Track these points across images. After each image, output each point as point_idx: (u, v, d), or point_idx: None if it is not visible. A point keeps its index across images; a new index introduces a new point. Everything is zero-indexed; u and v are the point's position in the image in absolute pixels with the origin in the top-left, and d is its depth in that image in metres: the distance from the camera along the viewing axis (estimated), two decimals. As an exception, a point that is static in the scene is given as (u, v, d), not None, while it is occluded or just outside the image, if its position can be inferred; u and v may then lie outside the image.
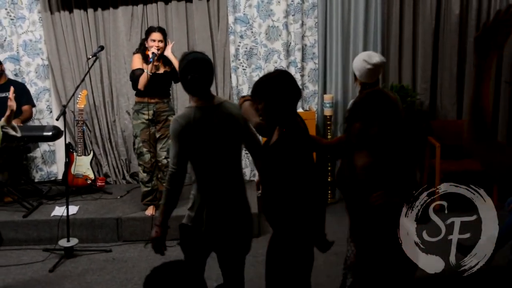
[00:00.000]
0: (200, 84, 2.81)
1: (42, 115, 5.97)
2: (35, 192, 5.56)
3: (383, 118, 2.39)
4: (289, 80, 2.62)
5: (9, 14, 5.75)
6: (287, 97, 2.59)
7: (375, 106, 2.39)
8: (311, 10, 5.75)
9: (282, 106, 2.58)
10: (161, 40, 4.76)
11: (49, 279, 4.25)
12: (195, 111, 2.82)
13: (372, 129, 2.39)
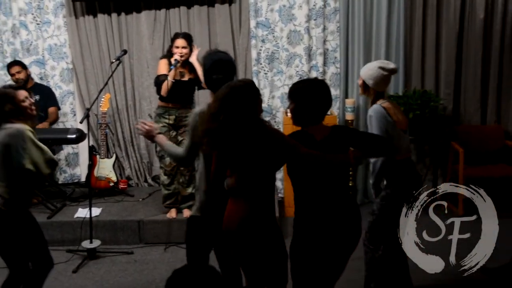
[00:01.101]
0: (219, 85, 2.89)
1: (66, 118, 6.06)
2: (59, 194, 5.64)
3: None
4: (321, 89, 2.85)
5: (35, 19, 5.85)
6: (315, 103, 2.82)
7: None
8: (333, 14, 5.75)
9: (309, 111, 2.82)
10: (185, 47, 4.77)
11: (72, 280, 4.31)
12: None
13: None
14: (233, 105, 2.62)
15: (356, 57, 5.75)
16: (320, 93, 2.84)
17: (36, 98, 5.58)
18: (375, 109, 3.51)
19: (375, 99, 3.58)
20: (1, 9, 5.81)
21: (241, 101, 2.63)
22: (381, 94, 3.59)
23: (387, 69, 3.52)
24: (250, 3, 5.73)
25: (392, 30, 5.67)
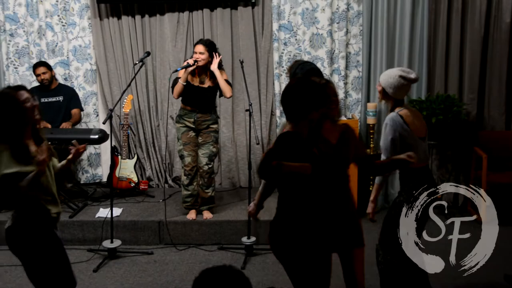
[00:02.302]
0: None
1: (89, 118, 6.12)
2: (80, 194, 5.70)
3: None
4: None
5: (61, 21, 5.92)
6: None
7: None
8: (356, 17, 5.73)
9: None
10: (202, 52, 4.78)
11: (93, 279, 4.35)
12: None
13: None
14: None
15: (378, 61, 5.72)
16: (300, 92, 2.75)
17: (59, 98, 5.66)
18: (392, 117, 3.46)
19: (394, 107, 3.55)
20: (28, 11, 5.90)
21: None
22: (401, 101, 3.55)
23: (408, 78, 3.47)
24: (273, 6, 5.73)
25: (416, 33, 5.63)
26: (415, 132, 3.46)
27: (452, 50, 5.65)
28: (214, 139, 4.94)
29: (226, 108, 5.90)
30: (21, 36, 5.96)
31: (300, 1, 5.73)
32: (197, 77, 4.86)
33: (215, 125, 4.98)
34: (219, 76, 4.75)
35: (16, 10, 5.90)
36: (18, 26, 5.94)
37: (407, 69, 3.64)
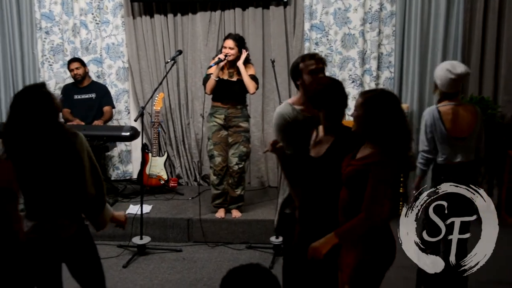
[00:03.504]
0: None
1: (120, 115, 6.19)
2: (111, 190, 5.76)
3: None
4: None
5: (95, 19, 6.01)
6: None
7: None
8: (389, 18, 5.67)
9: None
10: (232, 47, 4.78)
11: (122, 275, 4.40)
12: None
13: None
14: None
15: (411, 61, 5.65)
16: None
17: (92, 96, 5.74)
18: (429, 111, 3.50)
19: (440, 100, 3.53)
20: (64, 9, 6.00)
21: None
22: (449, 95, 3.50)
23: (453, 72, 3.44)
24: (305, 5, 5.71)
25: (450, 34, 5.54)
26: (451, 131, 3.41)
27: (487, 51, 5.55)
28: (244, 139, 4.94)
29: (256, 107, 5.90)
30: (56, 34, 6.06)
31: (333, 1, 5.70)
32: (226, 71, 4.88)
33: (246, 123, 4.97)
34: (243, 72, 4.76)
35: (52, 8, 6.01)
36: (53, 24, 6.04)
37: (458, 63, 3.61)
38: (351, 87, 5.78)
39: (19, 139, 2.69)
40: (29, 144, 2.67)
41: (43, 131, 2.68)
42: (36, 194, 2.76)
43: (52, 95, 2.76)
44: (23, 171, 2.73)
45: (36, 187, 2.74)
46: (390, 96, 2.57)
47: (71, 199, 2.77)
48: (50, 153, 2.69)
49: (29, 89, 2.75)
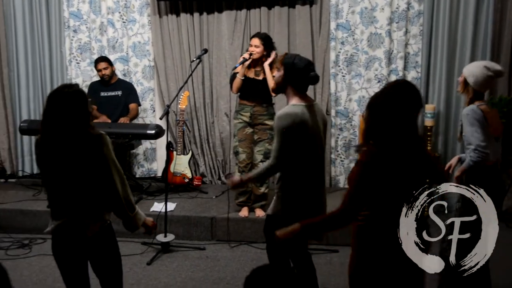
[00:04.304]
0: (316, 82, 3.33)
1: (145, 114, 6.23)
2: (136, 187, 5.81)
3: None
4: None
5: (121, 17, 6.06)
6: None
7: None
8: (417, 17, 5.60)
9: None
10: (258, 46, 4.81)
11: (146, 272, 4.43)
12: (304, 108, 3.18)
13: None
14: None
15: (438, 61, 5.58)
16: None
17: (118, 93, 5.80)
18: (473, 108, 3.38)
19: (472, 99, 3.44)
20: (91, 8, 6.07)
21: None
22: (480, 95, 3.44)
23: (492, 69, 3.38)
24: (331, 4, 5.68)
25: (479, 34, 5.46)
26: (492, 130, 3.35)
27: (517, 51, 5.45)
28: (270, 136, 4.94)
29: (280, 106, 5.86)
30: (83, 32, 6.14)
31: (359, 0, 5.66)
32: (252, 69, 4.89)
33: (271, 121, 4.95)
34: (268, 73, 4.76)
35: (80, 7, 6.08)
36: (81, 23, 6.12)
37: (494, 62, 3.54)
38: (376, 87, 5.73)
39: (52, 138, 2.76)
40: (60, 144, 2.74)
41: (76, 131, 2.74)
42: (61, 194, 2.82)
43: (86, 95, 2.84)
44: (51, 170, 2.80)
45: (62, 187, 2.80)
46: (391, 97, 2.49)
47: (95, 199, 2.81)
48: (78, 155, 2.74)
49: (64, 88, 2.82)
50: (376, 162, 2.43)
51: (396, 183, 2.44)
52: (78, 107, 2.74)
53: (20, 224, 5.22)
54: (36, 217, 5.19)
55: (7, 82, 6.24)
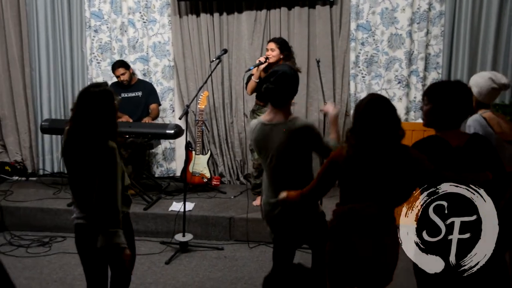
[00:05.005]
0: (269, 96, 3.14)
1: (165, 113, 6.26)
2: (155, 187, 5.84)
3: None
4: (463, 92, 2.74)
5: (142, 17, 6.09)
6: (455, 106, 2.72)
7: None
8: (438, 18, 5.55)
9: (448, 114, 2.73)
10: (273, 49, 4.94)
11: (165, 271, 4.45)
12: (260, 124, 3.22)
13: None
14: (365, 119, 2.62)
15: (460, 63, 5.52)
16: (461, 96, 2.71)
17: (138, 94, 5.83)
18: (475, 119, 3.31)
19: (475, 109, 3.39)
20: (112, 8, 6.11)
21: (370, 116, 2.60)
22: (484, 106, 3.38)
23: (497, 82, 3.31)
24: (352, 5, 5.65)
25: (502, 35, 5.39)
26: (502, 135, 3.29)
27: (541, 53, 5.37)
28: None
29: (300, 107, 5.87)
30: (104, 32, 6.18)
31: (380, 1, 5.62)
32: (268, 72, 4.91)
33: None
34: None
35: (101, 7, 6.13)
36: (102, 23, 6.16)
37: (500, 74, 3.48)
38: (396, 88, 5.70)
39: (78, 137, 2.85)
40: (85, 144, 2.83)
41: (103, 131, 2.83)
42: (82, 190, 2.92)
43: (113, 94, 2.92)
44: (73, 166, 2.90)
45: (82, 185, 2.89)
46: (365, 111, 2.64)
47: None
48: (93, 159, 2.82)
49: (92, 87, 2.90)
50: (342, 163, 2.64)
51: (360, 184, 2.64)
52: (105, 106, 2.84)
53: (41, 222, 5.28)
54: (56, 216, 5.24)
55: (29, 81, 6.32)
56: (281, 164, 3.12)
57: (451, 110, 2.70)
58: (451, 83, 2.81)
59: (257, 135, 3.19)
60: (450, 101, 2.68)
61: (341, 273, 2.70)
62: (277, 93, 3.11)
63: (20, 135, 6.42)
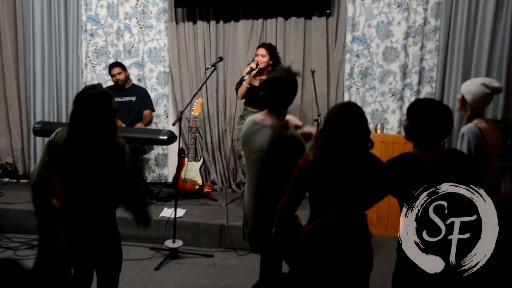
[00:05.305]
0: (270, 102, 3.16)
1: (159, 119, 6.26)
2: (146, 193, 5.80)
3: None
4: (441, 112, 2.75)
5: (138, 23, 6.11)
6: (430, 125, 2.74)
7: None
8: (433, 32, 5.60)
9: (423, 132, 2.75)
10: (264, 55, 5.09)
11: (154, 277, 4.42)
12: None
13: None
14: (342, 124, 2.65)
15: (453, 77, 5.56)
16: (437, 115, 2.72)
17: (132, 99, 5.82)
18: (470, 128, 3.36)
19: (471, 117, 3.43)
20: (109, 12, 6.12)
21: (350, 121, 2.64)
22: (479, 113, 3.43)
23: (490, 87, 3.36)
24: (348, 17, 5.69)
25: (495, 51, 5.44)
26: (491, 148, 3.32)
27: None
28: None
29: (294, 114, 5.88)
30: (100, 37, 6.19)
31: (376, 14, 5.67)
32: (257, 78, 5.01)
33: None
34: None
35: (98, 11, 6.14)
36: (98, 27, 6.17)
37: (491, 79, 3.52)
38: (390, 101, 5.73)
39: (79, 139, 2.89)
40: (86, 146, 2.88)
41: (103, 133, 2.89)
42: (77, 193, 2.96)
43: (110, 94, 2.95)
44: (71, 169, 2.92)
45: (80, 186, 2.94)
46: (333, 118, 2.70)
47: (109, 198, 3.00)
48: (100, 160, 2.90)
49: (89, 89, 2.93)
50: (308, 168, 2.68)
51: (325, 190, 2.68)
52: (103, 107, 2.88)
53: (30, 225, 5.22)
54: (46, 218, 5.21)
55: (23, 83, 6.30)
56: (261, 165, 3.16)
57: (426, 128, 2.72)
58: (430, 102, 2.81)
59: (246, 129, 3.25)
60: (425, 119, 2.72)
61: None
62: (274, 100, 3.13)
63: (12, 137, 6.40)
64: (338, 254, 2.66)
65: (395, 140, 5.17)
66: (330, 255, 2.66)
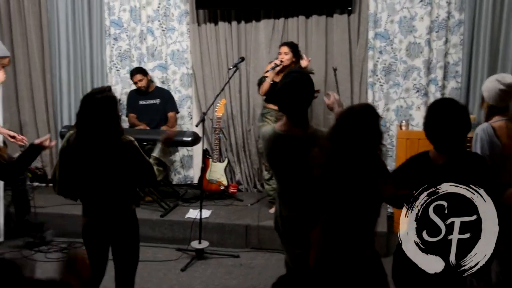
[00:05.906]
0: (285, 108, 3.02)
1: (183, 121, 6.30)
2: (172, 194, 5.88)
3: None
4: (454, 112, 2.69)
5: (161, 26, 6.15)
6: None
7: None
8: (457, 26, 5.51)
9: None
10: (287, 53, 5.13)
11: (180, 278, 4.47)
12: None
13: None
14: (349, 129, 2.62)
15: (479, 71, 5.46)
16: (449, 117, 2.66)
17: (157, 101, 5.87)
18: (483, 128, 3.25)
19: (488, 115, 3.32)
20: (132, 16, 6.18)
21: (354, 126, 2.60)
22: (499, 110, 3.31)
23: (503, 82, 3.23)
24: (370, 13, 5.64)
25: (522, 44, 5.33)
26: (507, 148, 3.20)
27: (562, 62, 5.29)
28: None
29: (317, 115, 5.87)
30: (123, 40, 6.26)
31: (398, 9, 5.60)
32: (280, 75, 4.98)
33: None
34: None
35: (121, 16, 6.20)
36: (121, 31, 6.24)
37: (507, 74, 3.42)
38: (415, 97, 5.66)
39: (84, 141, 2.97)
40: (92, 147, 2.96)
41: (106, 135, 2.95)
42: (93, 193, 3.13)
43: (116, 99, 3.02)
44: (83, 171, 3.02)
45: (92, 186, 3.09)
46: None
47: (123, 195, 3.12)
48: (109, 159, 2.97)
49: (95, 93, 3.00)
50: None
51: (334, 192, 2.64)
52: (107, 112, 2.93)
53: (60, 228, 5.33)
54: (75, 222, 5.23)
55: (50, 87, 6.42)
56: (297, 180, 2.94)
57: (438, 130, 2.68)
58: (445, 104, 2.75)
59: (272, 147, 3.03)
60: (438, 121, 2.68)
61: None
62: (289, 105, 2.97)
63: (41, 142, 6.50)
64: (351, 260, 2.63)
65: (421, 137, 5.04)
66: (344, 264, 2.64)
